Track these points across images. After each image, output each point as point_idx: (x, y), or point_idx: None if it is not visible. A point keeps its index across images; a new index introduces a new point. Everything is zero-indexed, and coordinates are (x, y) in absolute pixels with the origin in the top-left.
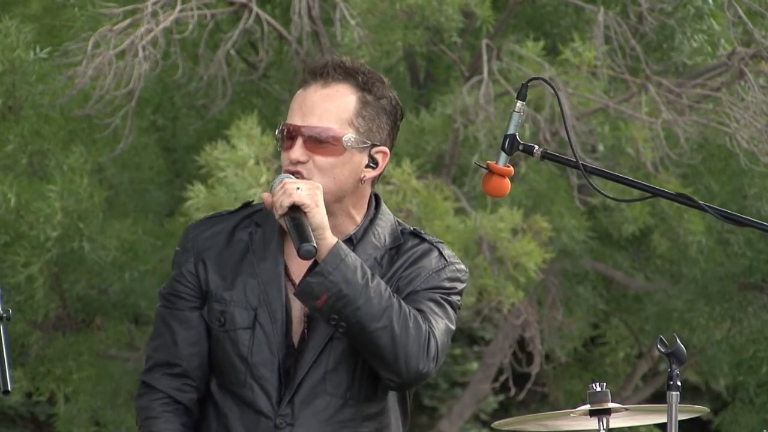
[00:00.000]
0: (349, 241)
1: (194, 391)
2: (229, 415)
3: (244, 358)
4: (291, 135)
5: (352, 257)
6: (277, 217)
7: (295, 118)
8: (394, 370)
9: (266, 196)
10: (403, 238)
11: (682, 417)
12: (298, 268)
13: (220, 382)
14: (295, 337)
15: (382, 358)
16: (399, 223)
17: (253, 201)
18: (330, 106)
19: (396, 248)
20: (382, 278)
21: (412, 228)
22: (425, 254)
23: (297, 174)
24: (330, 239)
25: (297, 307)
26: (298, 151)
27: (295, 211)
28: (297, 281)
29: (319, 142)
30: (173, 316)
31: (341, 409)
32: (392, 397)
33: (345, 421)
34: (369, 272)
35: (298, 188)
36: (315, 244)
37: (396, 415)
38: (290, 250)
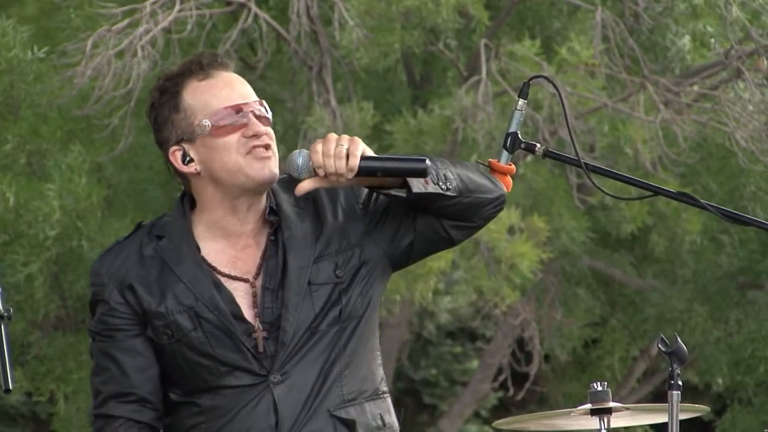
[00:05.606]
0: (272, 211)
1: (153, 411)
2: (219, 404)
3: (208, 354)
4: (243, 114)
5: None
6: (347, 179)
7: (237, 99)
8: (494, 200)
9: (310, 182)
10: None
11: (682, 417)
12: (217, 256)
13: (189, 388)
14: (248, 311)
15: (487, 193)
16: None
17: (144, 221)
18: (247, 85)
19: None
20: (325, 230)
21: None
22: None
23: (269, 147)
24: None
25: (240, 287)
26: (263, 125)
27: (363, 159)
28: (219, 269)
29: (264, 115)
30: (116, 347)
31: (333, 363)
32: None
33: (335, 376)
34: None
35: (342, 145)
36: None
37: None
38: (203, 243)
